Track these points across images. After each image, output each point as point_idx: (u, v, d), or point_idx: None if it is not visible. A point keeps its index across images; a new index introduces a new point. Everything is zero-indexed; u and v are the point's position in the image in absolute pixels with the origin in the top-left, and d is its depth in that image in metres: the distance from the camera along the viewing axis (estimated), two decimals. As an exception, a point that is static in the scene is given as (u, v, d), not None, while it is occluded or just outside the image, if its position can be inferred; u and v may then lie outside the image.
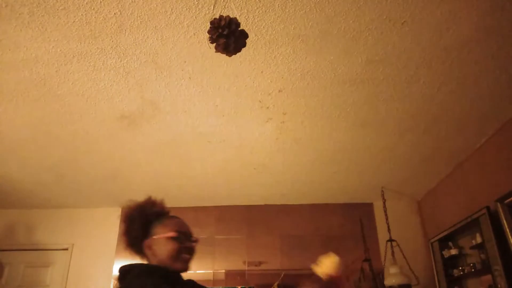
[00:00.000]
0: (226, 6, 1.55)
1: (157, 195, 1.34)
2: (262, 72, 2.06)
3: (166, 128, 2.60)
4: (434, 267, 3.48)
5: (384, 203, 3.62)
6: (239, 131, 2.66)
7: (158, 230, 1.23)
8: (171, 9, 1.65)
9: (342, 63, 2.00)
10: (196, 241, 1.27)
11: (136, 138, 2.72)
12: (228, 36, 1.17)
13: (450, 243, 3.30)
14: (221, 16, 1.19)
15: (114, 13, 1.67)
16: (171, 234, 1.21)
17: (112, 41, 1.83)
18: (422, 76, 2.11)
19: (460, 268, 3.11)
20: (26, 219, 4.05)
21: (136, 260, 1.23)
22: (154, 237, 1.22)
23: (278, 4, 1.63)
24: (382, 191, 3.65)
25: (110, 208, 4.09)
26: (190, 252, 1.23)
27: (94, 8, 1.64)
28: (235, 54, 1.22)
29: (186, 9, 1.65)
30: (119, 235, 3.99)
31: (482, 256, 2.82)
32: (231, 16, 1.19)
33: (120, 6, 1.63)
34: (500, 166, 2.63)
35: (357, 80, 2.13)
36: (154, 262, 1.20)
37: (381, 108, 2.40)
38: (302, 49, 1.89)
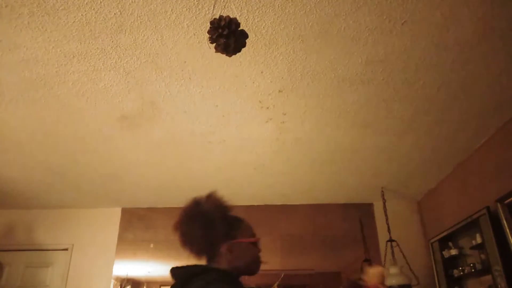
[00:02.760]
0: (226, 6, 1.55)
1: (157, 195, 1.33)
2: (262, 72, 2.06)
3: (166, 128, 2.60)
4: (434, 267, 3.48)
5: (384, 203, 3.62)
6: (239, 131, 2.66)
7: (240, 233, 1.21)
8: (171, 10, 1.65)
9: (342, 63, 2.00)
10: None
11: (136, 138, 2.72)
12: (228, 36, 1.17)
13: (450, 243, 3.30)
14: (221, 16, 1.19)
15: (114, 13, 1.67)
16: (254, 239, 1.23)
17: (112, 41, 1.83)
18: (422, 76, 2.11)
19: (460, 268, 3.11)
20: (26, 219, 4.06)
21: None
22: (234, 241, 1.18)
23: (278, 4, 1.63)
24: (382, 191, 3.65)
25: (110, 208, 4.09)
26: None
27: (94, 8, 1.64)
28: (235, 54, 1.22)
29: (186, 9, 1.65)
30: (119, 236, 3.99)
31: (482, 256, 2.82)
32: (231, 16, 1.19)
33: (120, 6, 1.63)
34: (500, 166, 2.63)
35: (357, 80, 2.13)
36: (226, 265, 1.14)
37: (381, 108, 2.40)
38: (302, 49, 1.89)
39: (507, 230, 2.46)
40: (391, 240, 3.39)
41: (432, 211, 3.73)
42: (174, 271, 1.11)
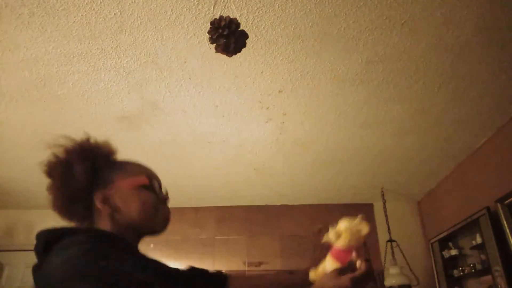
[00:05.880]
0: (226, 7, 1.55)
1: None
2: (262, 72, 2.06)
3: (166, 128, 2.60)
4: (434, 268, 3.48)
5: (384, 203, 3.62)
6: (239, 132, 2.66)
7: (118, 176, 0.88)
8: (171, 10, 1.65)
9: (342, 63, 2.00)
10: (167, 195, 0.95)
11: (136, 138, 2.72)
12: (228, 36, 1.17)
13: (450, 244, 3.30)
14: (221, 17, 1.19)
15: (114, 14, 1.67)
16: (143, 180, 0.88)
17: (112, 42, 1.83)
18: (422, 76, 2.11)
19: (460, 268, 3.11)
20: (26, 219, 4.05)
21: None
22: (112, 185, 0.86)
23: (278, 5, 1.63)
24: (382, 191, 3.65)
25: (110, 208, 4.09)
26: (167, 206, 0.93)
27: (94, 9, 1.64)
28: (235, 54, 1.22)
29: (186, 9, 1.65)
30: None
31: (482, 256, 2.82)
32: (231, 17, 1.19)
33: (120, 6, 1.63)
34: (500, 166, 2.63)
35: (357, 80, 2.13)
36: (109, 224, 0.84)
37: (381, 108, 2.40)
38: (302, 49, 1.89)
39: (507, 230, 2.46)
40: (391, 240, 3.39)
41: (432, 211, 3.73)
42: (38, 234, 0.81)
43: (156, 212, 0.87)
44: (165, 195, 0.93)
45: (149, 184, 0.88)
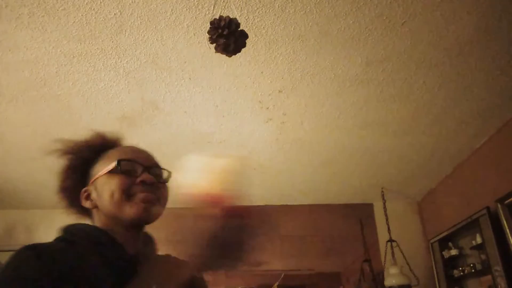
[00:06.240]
0: (226, 7, 1.55)
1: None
2: (262, 72, 2.06)
3: (166, 128, 2.60)
4: (434, 268, 3.48)
5: (384, 203, 3.62)
6: (239, 131, 2.66)
7: (98, 168, 0.81)
8: (171, 10, 1.65)
9: (342, 63, 2.00)
10: (159, 174, 0.86)
11: (136, 138, 2.71)
12: (228, 36, 1.17)
13: (450, 244, 3.30)
14: (221, 17, 1.19)
15: (114, 14, 1.67)
16: (111, 166, 0.78)
17: (112, 42, 1.83)
18: (422, 76, 2.11)
19: (460, 268, 3.11)
20: (26, 219, 4.05)
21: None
22: (92, 180, 0.80)
23: (278, 5, 1.63)
24: (382, 191, 3.64)
25: (110, 208, 4.09)
26: (149, 188, 0.79)
27: (94, 9, 1.64)
28: (235, 54, 1.22)
29: (186, 9, 1.65)
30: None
31: (482, 256, 2.82)
32: (231, 17, 1.19)
33: (120, 6, 1.63)
34: (500, 166, 2.63)
35: (357, 80, 2.13)
36: (97, 219, 0.80)
37: (381, 109, 2.40)
38: (302, 49, 1.89)
39: (507, 230, 2.46)
40: (391, 240, 3.39)
41: (432, 211, 3.73)
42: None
43: (127, 198, 0.75)
44: (146, 176, 0.79)
45: (118, 168, 0.77)
